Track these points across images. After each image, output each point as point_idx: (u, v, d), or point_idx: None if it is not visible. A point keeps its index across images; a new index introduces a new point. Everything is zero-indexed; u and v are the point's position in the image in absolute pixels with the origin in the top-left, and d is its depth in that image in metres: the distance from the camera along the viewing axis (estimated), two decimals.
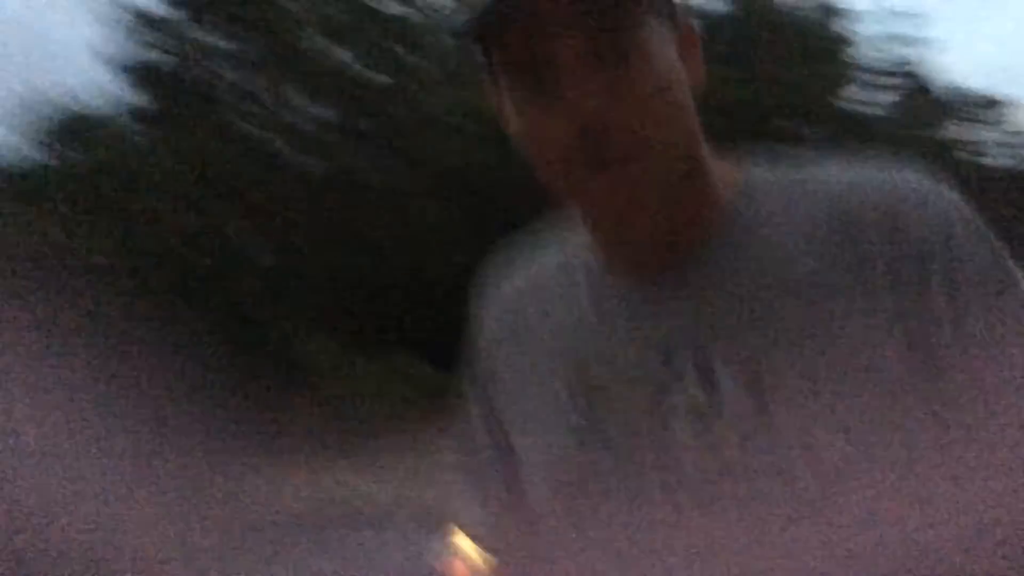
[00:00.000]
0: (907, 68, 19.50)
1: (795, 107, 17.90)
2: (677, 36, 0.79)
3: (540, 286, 0.91)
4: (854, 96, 19.53)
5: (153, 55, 16.11)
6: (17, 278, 10.86)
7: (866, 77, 19.56)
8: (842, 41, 19.19)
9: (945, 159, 16.42)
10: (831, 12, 19.06)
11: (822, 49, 18.73)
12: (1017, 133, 19.47)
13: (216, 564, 7.01)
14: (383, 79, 16.70)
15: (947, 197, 0.76)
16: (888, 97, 19.93)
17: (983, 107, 19.75)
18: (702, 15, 17.88)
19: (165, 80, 16.12)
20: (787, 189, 0.81)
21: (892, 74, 19.70)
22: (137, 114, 16.33)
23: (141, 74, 16.12)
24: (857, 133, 17.28)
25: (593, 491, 0.80)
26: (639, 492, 0.78)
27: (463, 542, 1.12)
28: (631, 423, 0.78)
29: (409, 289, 15.14)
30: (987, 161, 19.19)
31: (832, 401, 0.72)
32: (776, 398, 0.73)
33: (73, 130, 16.04)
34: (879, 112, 19.55)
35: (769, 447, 0.73)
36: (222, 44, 16.35)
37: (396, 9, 17.14)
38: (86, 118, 16.21)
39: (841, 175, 0.79)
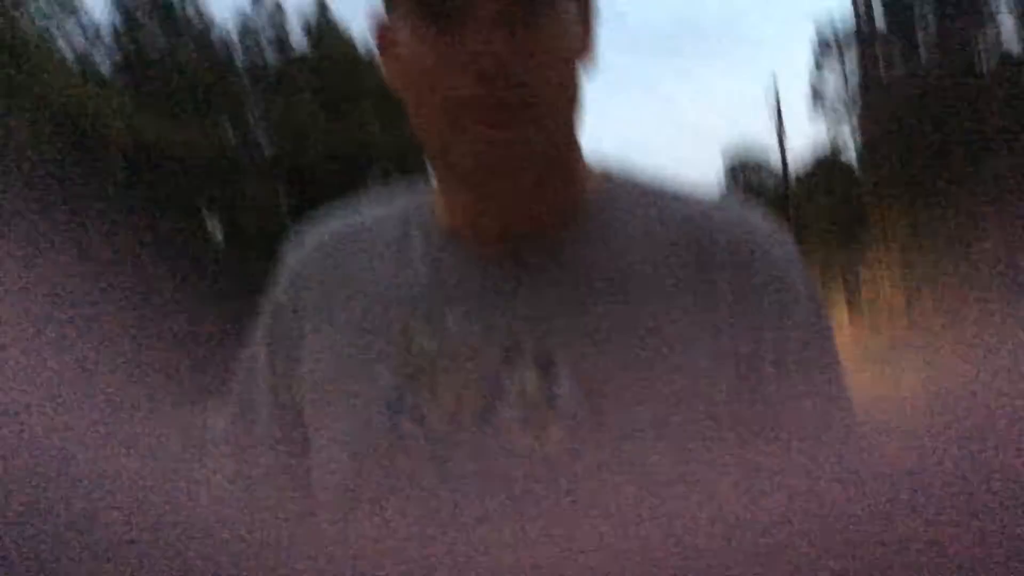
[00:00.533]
0: None
1: None
2: (579, 5, 0.79)
3: (365, 233, 0.87)
4: None
5: None
6: None
7: None
8: None
9: None
10: None
11: None
12: None
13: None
14: None
15: (790, 243, 0.81)
16: None
17: None
18: None
19: None
20: (646, 198, 0.82)
21: None
22: None
23: None
24: None
25: (400, 467, 0.76)
26: (451, 475, 0.75)
27: None
28: (456, 400, 0.76)
29: None
30: None
31: (662, 413, 0.73)
32: (610, 401, 0.74)
33: None
34: None
35: (595, 448, 0.73)
36: None
37: None
38: None
39: (698, 200, 0.82)
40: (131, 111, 15.02)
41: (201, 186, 15.86)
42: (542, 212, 0.80)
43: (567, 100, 0.77)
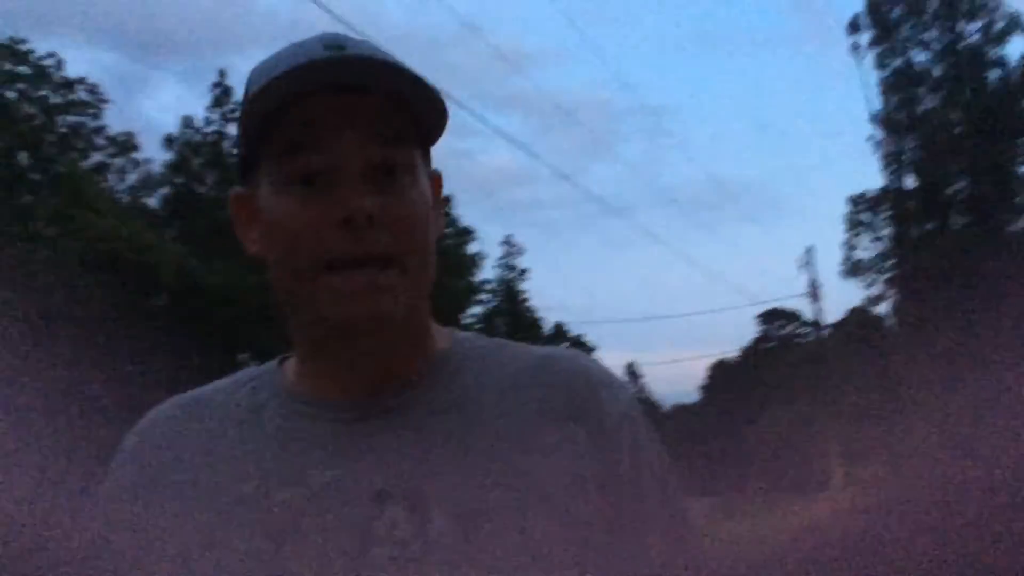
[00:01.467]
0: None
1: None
2: (432, 179, 0.86)
3: (207, 405, 0.87)
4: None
5: None
6: None
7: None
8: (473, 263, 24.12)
9: None
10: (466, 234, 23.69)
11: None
12: None
13: None
14: None
15: (626, 385, 0.90)
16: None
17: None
18: None
19: None
20: (493, 349, 0.89)
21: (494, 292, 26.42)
22: None
23: None
24: None
25: None
26: None
27: None
28: (325, 549, 0.76)
29: None
30: None
31: (531, 539, 0.76)
32: (481, 532, 0.76)
33: None
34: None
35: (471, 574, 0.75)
36: None
37: None
38: None
39: (538, 348, 0.90)
40: (179, 250, 15.49)
41: (239, 324, 16.17)
42: (398, 366, 0.84)
43: (428, 269, 0.82)
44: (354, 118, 0.79)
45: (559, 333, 29.62)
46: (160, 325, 15.24)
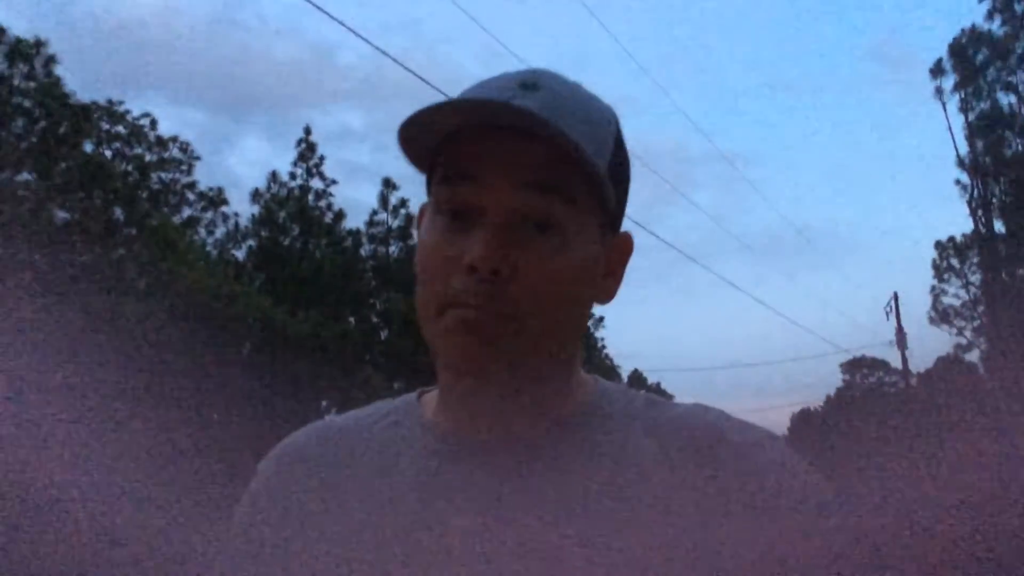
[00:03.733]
0: None
1: None
2: (611, 243, 0.82)
3: (348, 435, 0.85)
4: None
5: None
6: None
7: None
8: None
9: None
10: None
11: None
12: None
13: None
14: None
15: (784, 444, 0.82)
16: None
17: None
18: None
19: None
20: (638, 404, 0.84)
21: None
22: None
23: None
24: None
25: None
26: None
27: None
28: None
29: None
30: None
31: None
32: None
33: None
34: None
35: None
36: None
37: None
38: None
39: (679, 404, 0.84)
40: (264, 301, 15.88)
41: (322, 373, 16.45)
42: (536, 416, 0.81)
43: (556, 329, 0.77)
44: (515, 163, 0.75)
45: (637, 380, 29.44)
46: (246, 374, 15.61)
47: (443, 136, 0.77)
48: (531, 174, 0.74)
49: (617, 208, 0.82)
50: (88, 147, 14.94)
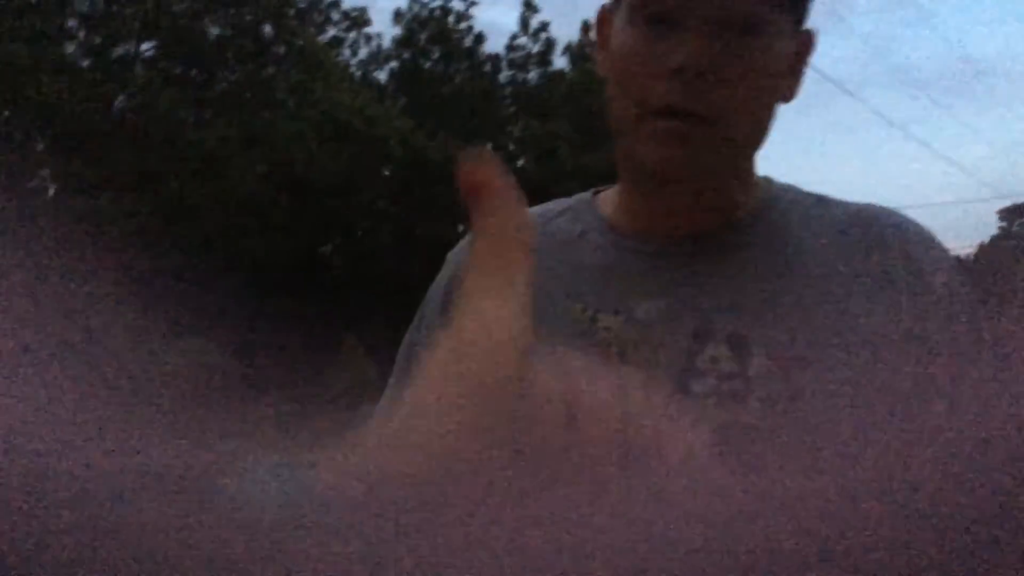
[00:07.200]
0: None
1: None
2: (795, 40, 0.82)
3: (546, 222, 0.86)
4: None
5: None
6: None
7: None
8: None
9: None
10: None
11: None
12: None
13: None
14: None
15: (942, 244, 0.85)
16: None
17: None
18: None
19: None
20: (814, 202, 0.86)
21: None
22: None
23: None
24: None
25: None
26: None
27: None
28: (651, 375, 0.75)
29: None
30: None
31: (851, 388, 0.74)
32: (801, 378, 0.74)
33: None
34: None
35: (791, 423, 0.73)
36: None
37: None
38: None
39: (855, 204, 0.86)
40: (405, 124, 16.08)
41: (458, 196, 16.68)
42: (717, 213, 0.83)
43: (752, 130, 0.80)
44: None
45: None
46: (387, 196, 16.03)
47: None
48: None
49: (806, 2, 0.82)
50: None
